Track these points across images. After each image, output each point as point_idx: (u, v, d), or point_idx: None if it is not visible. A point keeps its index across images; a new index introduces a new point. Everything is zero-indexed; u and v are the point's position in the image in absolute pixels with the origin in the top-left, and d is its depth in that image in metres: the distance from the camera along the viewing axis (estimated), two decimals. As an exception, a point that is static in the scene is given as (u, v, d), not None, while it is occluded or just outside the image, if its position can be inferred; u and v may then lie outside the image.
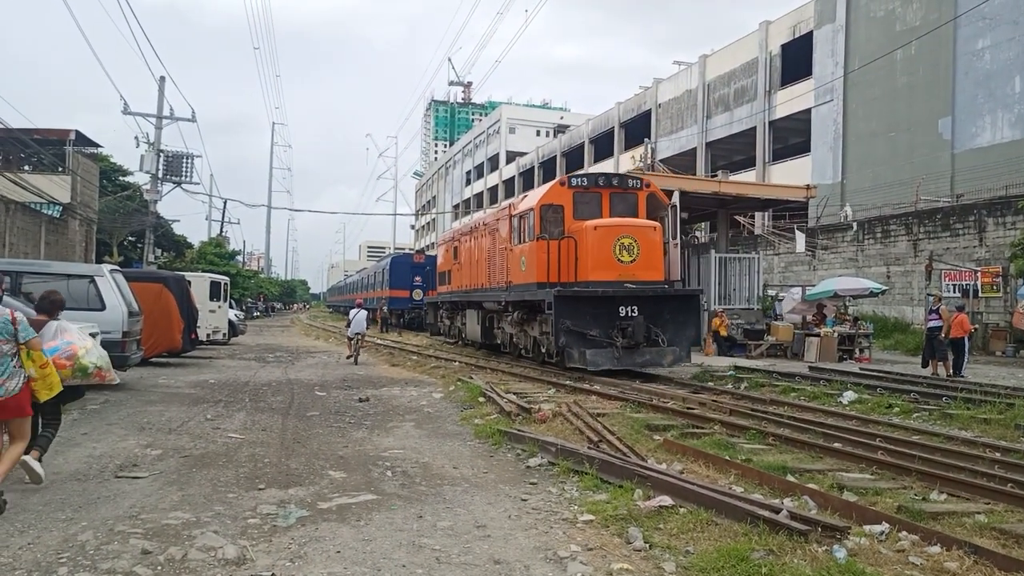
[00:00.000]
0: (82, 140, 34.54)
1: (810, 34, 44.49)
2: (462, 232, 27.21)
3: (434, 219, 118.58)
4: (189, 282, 21.87)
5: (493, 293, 21.71)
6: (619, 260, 16.95)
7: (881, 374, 16.23)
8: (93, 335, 12.39)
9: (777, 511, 5.66)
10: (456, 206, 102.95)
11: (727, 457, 8.12)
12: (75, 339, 7.53)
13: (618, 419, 10.95)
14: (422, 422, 11.56)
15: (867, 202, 37.01)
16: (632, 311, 16.62)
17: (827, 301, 24.34)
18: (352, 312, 24.72)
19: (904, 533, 5.58)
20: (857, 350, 23.08)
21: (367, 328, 25.68)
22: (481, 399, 13.28)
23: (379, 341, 31.33)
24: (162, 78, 37.19)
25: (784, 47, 46.95)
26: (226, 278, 28.61)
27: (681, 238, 19.24)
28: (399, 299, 42.46)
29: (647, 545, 5.47)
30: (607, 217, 17.86)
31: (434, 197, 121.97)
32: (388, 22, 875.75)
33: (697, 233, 49.13)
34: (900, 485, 7.21)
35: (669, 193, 19.52)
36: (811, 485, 6.96)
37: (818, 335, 22.99)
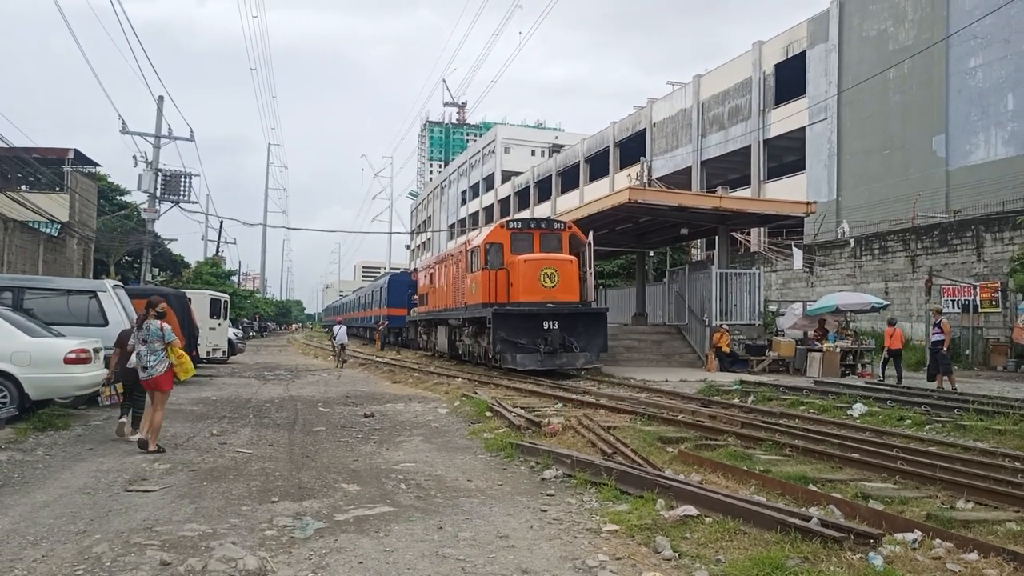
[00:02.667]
0: (81, 159, 34.45)
1: (803, 54, 44.77)
2: (436, 261, 31.55)
3: (429, 239, 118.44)
4: (190, 299, 21.73)
5: (455, 312, 25.95)
6: (543, 286, 21.23)
7: (888, 388, 16.12)
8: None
9: (807, 519, 5.56)
10: (452, 225, 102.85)
11: (745, 468, 8.01)
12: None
13: (629, 432, 10.84)
14: (431, 436, 11.43)
15: (862, 219, 37.13)
16: (553, 325, 20.81)
17: (828, 316, 24.29)
18: (336, 328, 30.74)
19: (938, 541, 5.49)
20: (859, 365, 23.02)
21: (348, 340, 31.14)
22: (488, 414, 13.14)
23: (378, 359, 31.14)
24: (160, 97, 37.21)
25: (778, 67, 47.22)
26: (226, 295, 28.45)
27: (594, 268, 23.59)
28: (397, 317, 42.24)
29: (676, 554, 5.36)
30: (536, 253, 22.30)
31: (430, 217, 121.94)
32: (379, 43, 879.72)
33: (693, 251, 49.37)
34: (925, 494, 7.11)
35: (587, 233, 23.53)
36: (835, 494, 6.86)
37: (820, 350, 22.92)
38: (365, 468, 8.86)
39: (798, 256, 37.25)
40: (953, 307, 28.39)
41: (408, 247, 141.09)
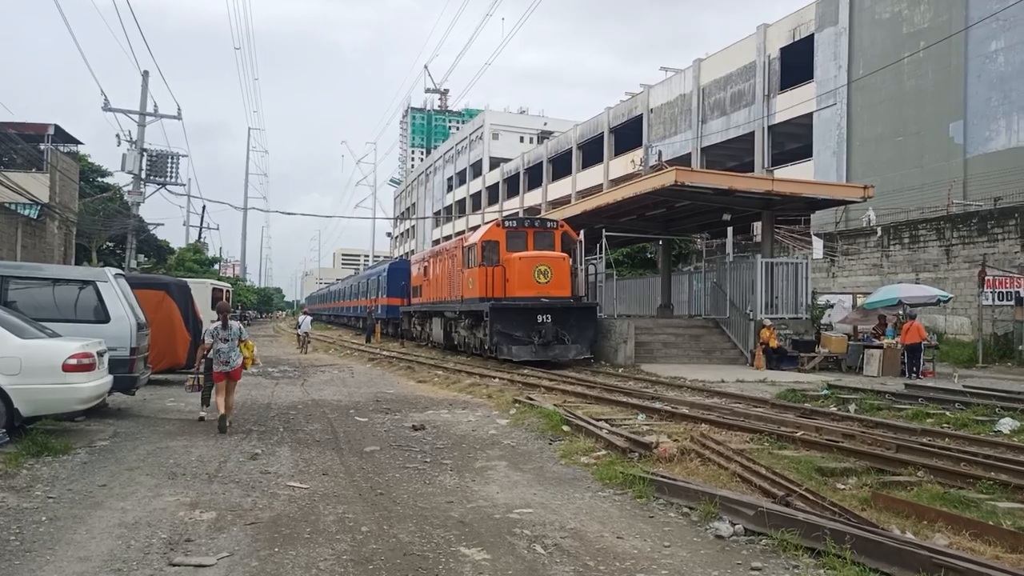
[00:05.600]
0: (61, 135, 31.80)
1: (811, 37, 43.10)
2: (431, 255, 33.14)
3: (413, 227, 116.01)
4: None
5: (452, 305, 27.21)
6: (537, 281, 22.43)
7: (1000, 393, 14.08)
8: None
9: None
10: (437, 213, 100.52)
11: (999, 525, 6.03)
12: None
13: (765, 457, 8.86)
14: (516, 461, 9.37)
15: (874, 207, 35.46)
16: (546, 318, 22.06)
17: (884, 310, 22.48)
18: (301, 318, 34.21)
19: None
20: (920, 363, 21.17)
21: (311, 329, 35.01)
22: (565, 428, 11.11)
23: (385, 353, 28.94)
24: (145, 72, 34.72)
25: (783, 50, 45.61)
26: (228, 285, 26.17)
27: (587, 264, 25.13)
28: (397, 307, 39.95)
29: None
30: (530, 250, 23.51)
31: (414, 204, 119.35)
32: (354, 28, 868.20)
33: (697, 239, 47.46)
34: None
35: (578, 231, 24.66)
36: None
37: (880, 347, 21.11)
38: (471, 516, 6.79)
39: (818, 245, 35.39)
40: (998, 299, 26.70)
41: (390, 235, 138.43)
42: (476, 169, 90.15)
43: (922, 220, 32.39)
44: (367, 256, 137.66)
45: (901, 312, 22.89)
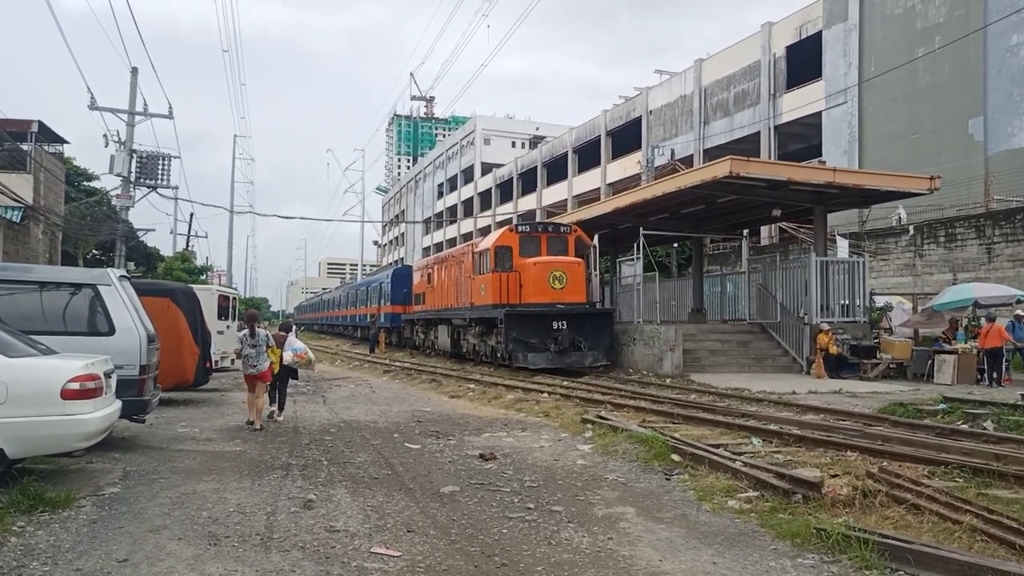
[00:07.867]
0: (46, 134, 29.47)
1: (818, 34, 41.78)
2: (435, 261, 32.47)
3: (402, 234, 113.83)
4: (194, 296, 17.24)
5: (460, 312, 26.59)
6: (552, 287, 22.04)
7: None
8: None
9: None
10: (428, 219, 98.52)
11: None
12: (303, 344, 14.00)
13: (976, 498, 6.89)
14: (644, 507, 7.33)
15: (887, 208, 33.81)
16: (562, 325, 21.67)
17: (951, 312, 20.68)
18: None
19: None
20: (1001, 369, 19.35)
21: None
22: (675, 456, 9.12)
23: (399, 364, 26.85)
24: (135, 69, 32.52)
25: (789, 49, 44.22)
26: (235, 292, 24.06)
27: (600, 270, 24.87)
28: (400, 316, 37.89)
29: None
30: (544, 256, 22.97)
31: (403, 211, 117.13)
32: (330, 35, 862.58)
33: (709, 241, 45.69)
34: None
35: (592, 236, 24.28)
36: None
37: (953, 352, 19.28)
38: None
39: (843, 245, 33.61)
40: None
41: (376, 243, 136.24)
42: (468, 175, 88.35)
43: (960, 217, 30.80)
44: (353, 265, 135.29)
45: (970, 314, 21.12)
